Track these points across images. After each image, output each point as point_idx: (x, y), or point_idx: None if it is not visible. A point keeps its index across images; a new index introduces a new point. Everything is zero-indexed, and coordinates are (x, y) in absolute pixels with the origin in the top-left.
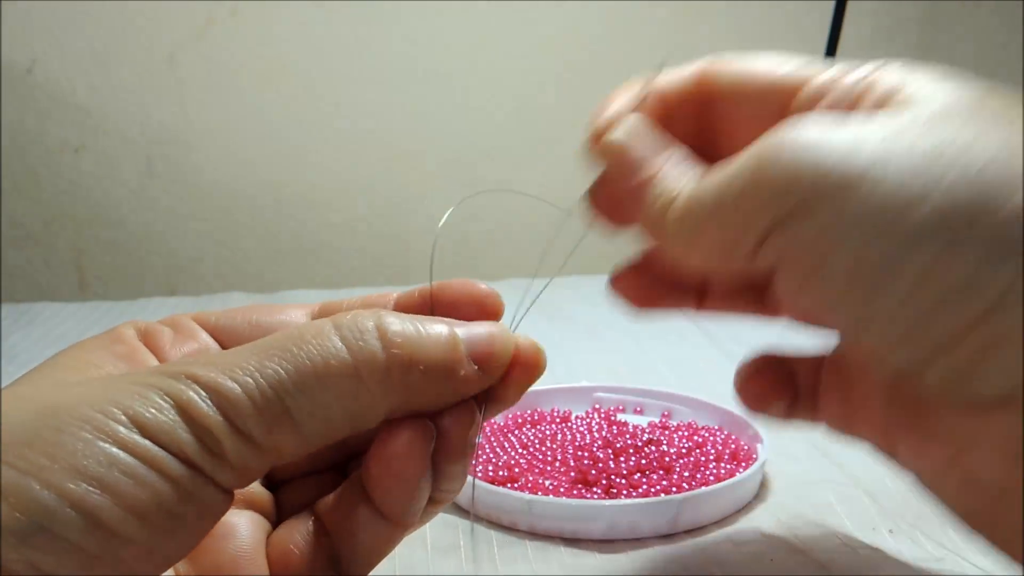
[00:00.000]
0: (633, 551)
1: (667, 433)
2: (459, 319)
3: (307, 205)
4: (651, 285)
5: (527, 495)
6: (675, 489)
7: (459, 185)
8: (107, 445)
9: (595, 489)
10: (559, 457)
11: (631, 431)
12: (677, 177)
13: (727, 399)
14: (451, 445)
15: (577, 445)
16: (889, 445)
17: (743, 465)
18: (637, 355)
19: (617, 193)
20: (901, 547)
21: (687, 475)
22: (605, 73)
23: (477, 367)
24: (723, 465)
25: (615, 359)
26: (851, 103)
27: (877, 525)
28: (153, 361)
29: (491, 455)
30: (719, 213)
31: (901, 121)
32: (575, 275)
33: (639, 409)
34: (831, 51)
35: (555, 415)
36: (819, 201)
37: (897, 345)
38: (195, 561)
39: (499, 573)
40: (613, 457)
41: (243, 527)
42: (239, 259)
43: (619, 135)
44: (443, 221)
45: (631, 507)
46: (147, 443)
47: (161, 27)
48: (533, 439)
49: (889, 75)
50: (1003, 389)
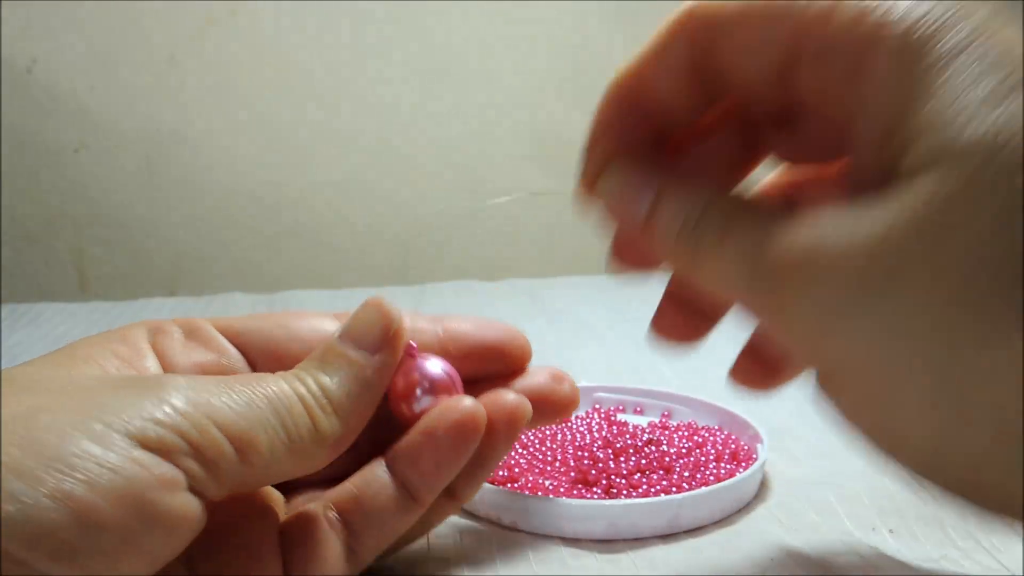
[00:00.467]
0: (633, 551)
1: (667, 433)
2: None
3: (307, 205)
4: (690, 317)
5: (527, 495)
6: (675, 489)
7: (459, 185)
8: (82, 438)
9: (595, 489)
10: (559, 457)
11: (631, 431)
12: (677, 210)
13: (727, 399)
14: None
15: (577, 445)
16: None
17: (743, 465)
18: (637, 355)
19: (632, 241)
20: (901, 547)
21: (687, 475)
22: (605, 73)
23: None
24: (723, 465)
25: (615, 359)
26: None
27: (877, 525)
28: (154, 365)
29: None
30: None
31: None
32: (575, 275)
33: (639, 409)
34: None
35: None
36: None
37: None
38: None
39: (499, 573)
40: (613, 457)
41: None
42: (239, 259)
43: (607, 191)
44: (502, 200)
45: (631, 507)
46: (123, 438)
47: (161, 27)
48: (533, 439)
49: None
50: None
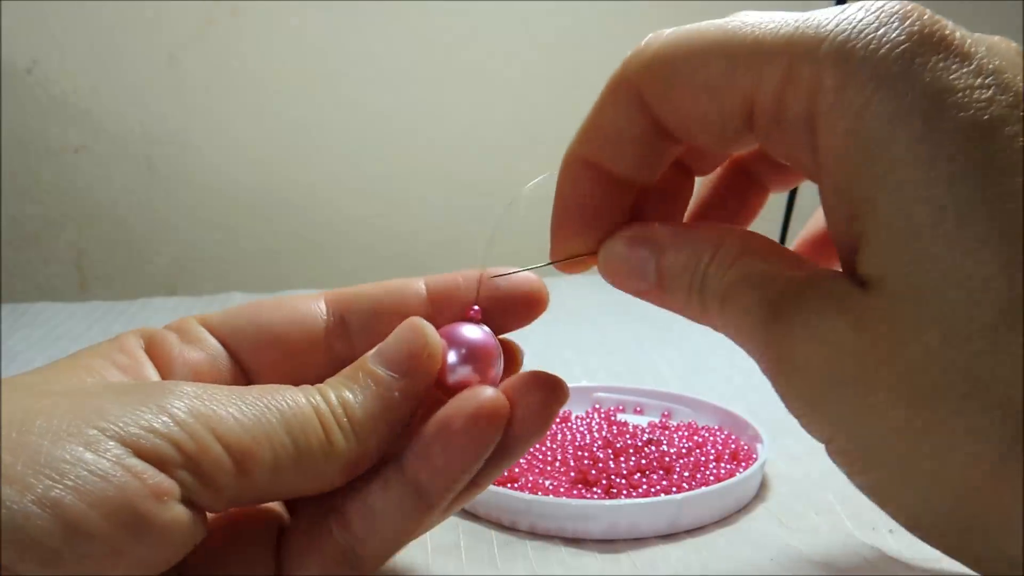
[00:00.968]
0: (633, 551)
1: (667, 433)
2: (500, 311)
3: (307, 205)
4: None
5: (527, 495)
6: (675, 489)
7: (459, 185)
8: (73, 445)
9: (595, 489)
10: (559, 457)
11: (631, 431)
12: (681, 272)
13: (727, 399)
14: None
15: (577, 445)
16: None
17: (743, 465)
18: (637, 355)
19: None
20: (901, 547)
21: (687, 475)
22: (606, 74)
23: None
24: (723, 465)
25: (615, 359)
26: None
27: (877, 525)
28: (153, 373)
29: None
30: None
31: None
32: (575, 275)
33: (639, 409)
34: None
35: None
36: None
37: None
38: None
39: (499, 573)
40: (613, 457)
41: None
42: (239, 259)
43: (609, 269)
44: (530, 186)
45: (631, 507)
46: (117, 446)
47: (161, 27)
48: None
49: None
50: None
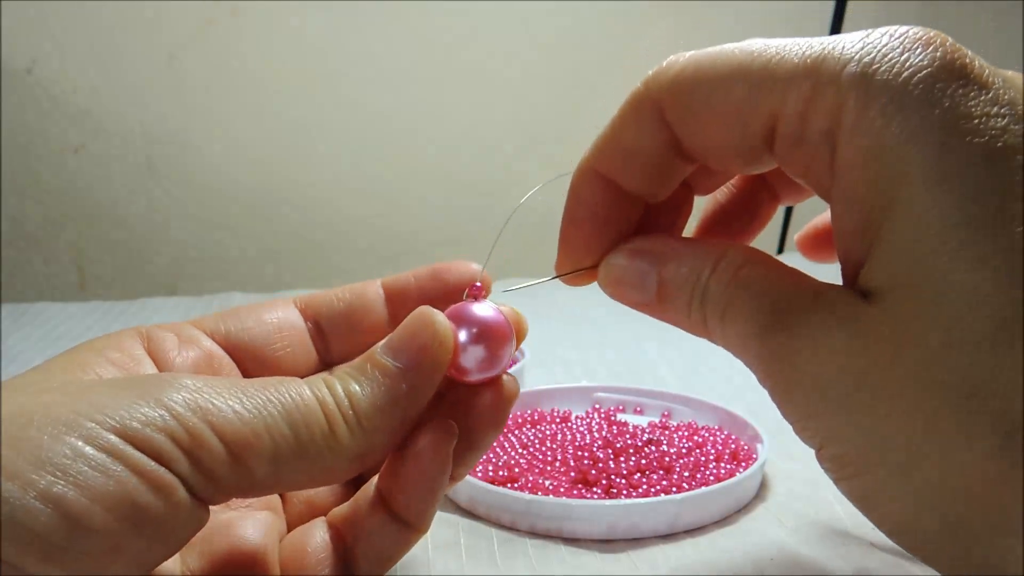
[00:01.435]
0: (633, 551)
1: (667, 433)
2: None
3: (307, 205)
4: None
5: (527, 495)
6: (675, 489)
7: (458, 185)
8: (73, 439)
9: (595, 489)
10: (559, 457)
11: (631, 431)
12: (682, 286)
13: (727, 399)
14: (475, 438)
15: (577, 445)
16: None
17: (743, 465)
18: (637, 355)
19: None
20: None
21: (687, 475)
22: (605, 73)
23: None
24: (723, 465)
25: (615, 359)
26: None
27: None
28: (150, 369)
29: (491, 455)
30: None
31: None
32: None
33: (639, 409)
34: None
35: (555, 415)
36: None
37: None
38: (206, 554)
39: (499, 573)
40: (613, 457)
41: (257, 525)
42: (239, 259)
43: (610, 282)
44: (526, 198)
45: (631, 507)
46: (115, 438)
47: (161, 27)
48: (533, 439)
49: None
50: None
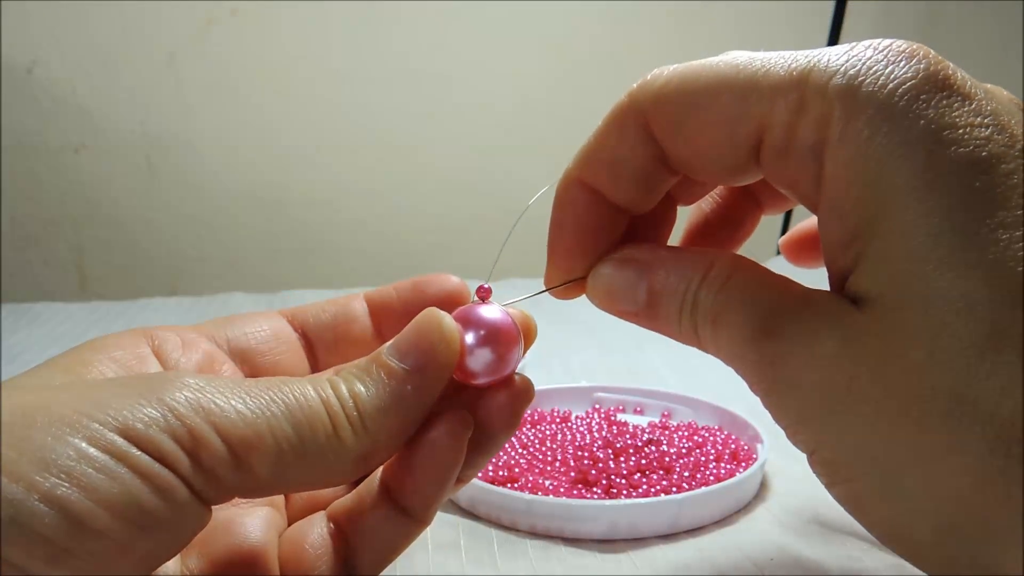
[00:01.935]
0: (633, 551)
1: (667, 433)
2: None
3: (307, 205)
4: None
5: (527, 495)
6: (675, 489)
7: (458, 185)
8: (77, 440)
9: (595, 489)
10: (559, 457)
11: (631, 431)
12: (672, 296)
13: (727, 399)
14: (488, 437)
15: (577, 445)
16: None
17: (743, 465)
18: (637, 355)
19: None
20: None
21: (687, 475)
22: (605, 74)
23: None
24: (723, 465)
25: (615, 359)
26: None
27: None
28: (155, 368)
29: None
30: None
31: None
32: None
33: (639, 409)
34: None
35: (555, 415)
36: None
37: None
38: (206, 554)
39: (499, 573)
40: (613, 457)
41: (257, 522)
42: (239, 259)
43: (599, 293)
44: (532, 201)
45: (631, 507)
46: (119, 439)
47: (161, 27)
48: (533, 439)
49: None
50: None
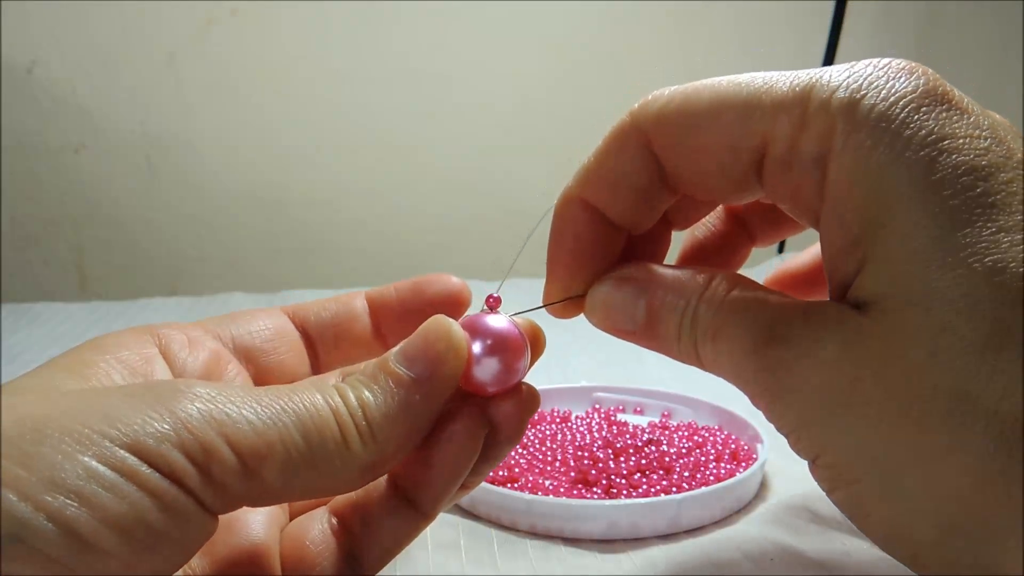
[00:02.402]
0: (633, 551)
1: (667, 433)
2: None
3: (307, 205)
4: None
5: (527, 495)
6: (675, 489)
7: (458, 185)
8: (87, 458)
9: (595, 489)
10: (559, 457)
11: (631, 431)
12: (669, 314)
13: (727, 399)
14: (493, 444)
15: (577, 445)
16: None
17: (743, 465)
18: (637, 355)
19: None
20: None
21: (687, 475)
22: (605, 74)
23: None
24: (723, 465)
25: (615, 359)
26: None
27: None
28: (163, 370)
29: None
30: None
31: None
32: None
33: (639, 409)
34: (831, 51)
35: (555, 415)
36: None
37: None
38: (208, 553)
39: (499, 573)
40: (613, 457)
41: (259, 520)
42: (239, 259)
43: (597, 311)
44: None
45: (631, 507)
46: (129, 456)
47: (161, 27)
48: (533, 439)
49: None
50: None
